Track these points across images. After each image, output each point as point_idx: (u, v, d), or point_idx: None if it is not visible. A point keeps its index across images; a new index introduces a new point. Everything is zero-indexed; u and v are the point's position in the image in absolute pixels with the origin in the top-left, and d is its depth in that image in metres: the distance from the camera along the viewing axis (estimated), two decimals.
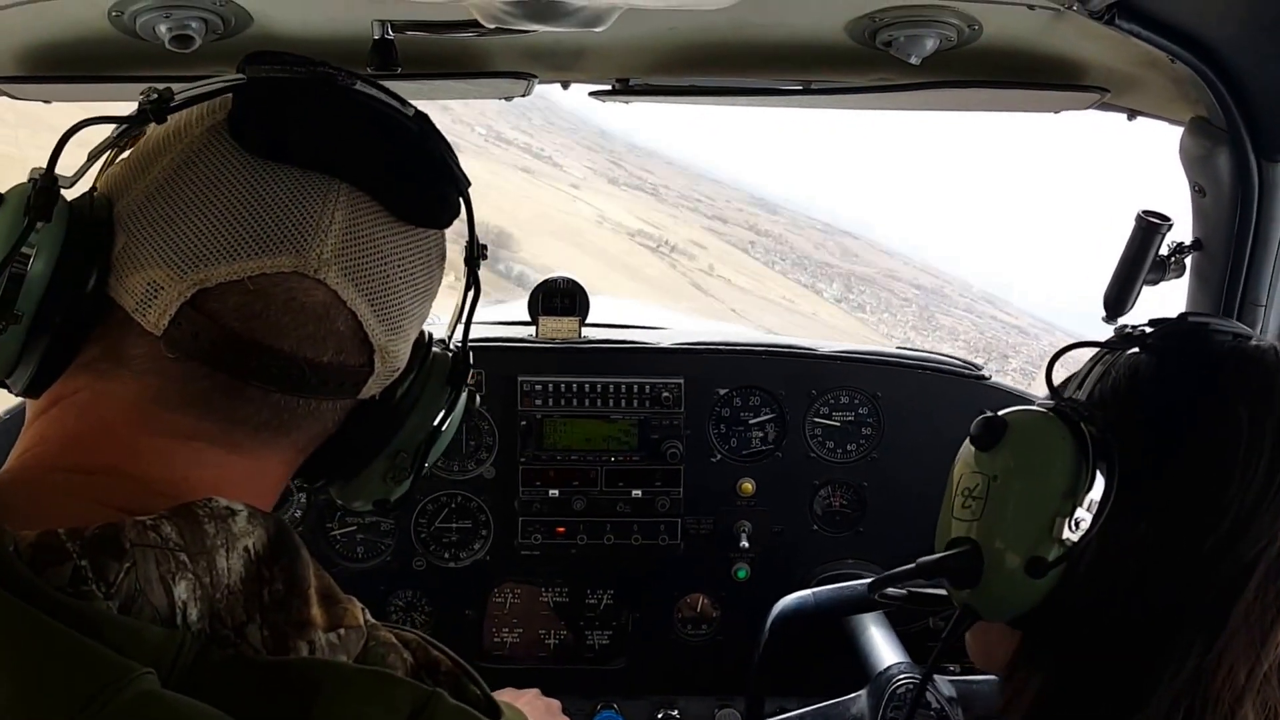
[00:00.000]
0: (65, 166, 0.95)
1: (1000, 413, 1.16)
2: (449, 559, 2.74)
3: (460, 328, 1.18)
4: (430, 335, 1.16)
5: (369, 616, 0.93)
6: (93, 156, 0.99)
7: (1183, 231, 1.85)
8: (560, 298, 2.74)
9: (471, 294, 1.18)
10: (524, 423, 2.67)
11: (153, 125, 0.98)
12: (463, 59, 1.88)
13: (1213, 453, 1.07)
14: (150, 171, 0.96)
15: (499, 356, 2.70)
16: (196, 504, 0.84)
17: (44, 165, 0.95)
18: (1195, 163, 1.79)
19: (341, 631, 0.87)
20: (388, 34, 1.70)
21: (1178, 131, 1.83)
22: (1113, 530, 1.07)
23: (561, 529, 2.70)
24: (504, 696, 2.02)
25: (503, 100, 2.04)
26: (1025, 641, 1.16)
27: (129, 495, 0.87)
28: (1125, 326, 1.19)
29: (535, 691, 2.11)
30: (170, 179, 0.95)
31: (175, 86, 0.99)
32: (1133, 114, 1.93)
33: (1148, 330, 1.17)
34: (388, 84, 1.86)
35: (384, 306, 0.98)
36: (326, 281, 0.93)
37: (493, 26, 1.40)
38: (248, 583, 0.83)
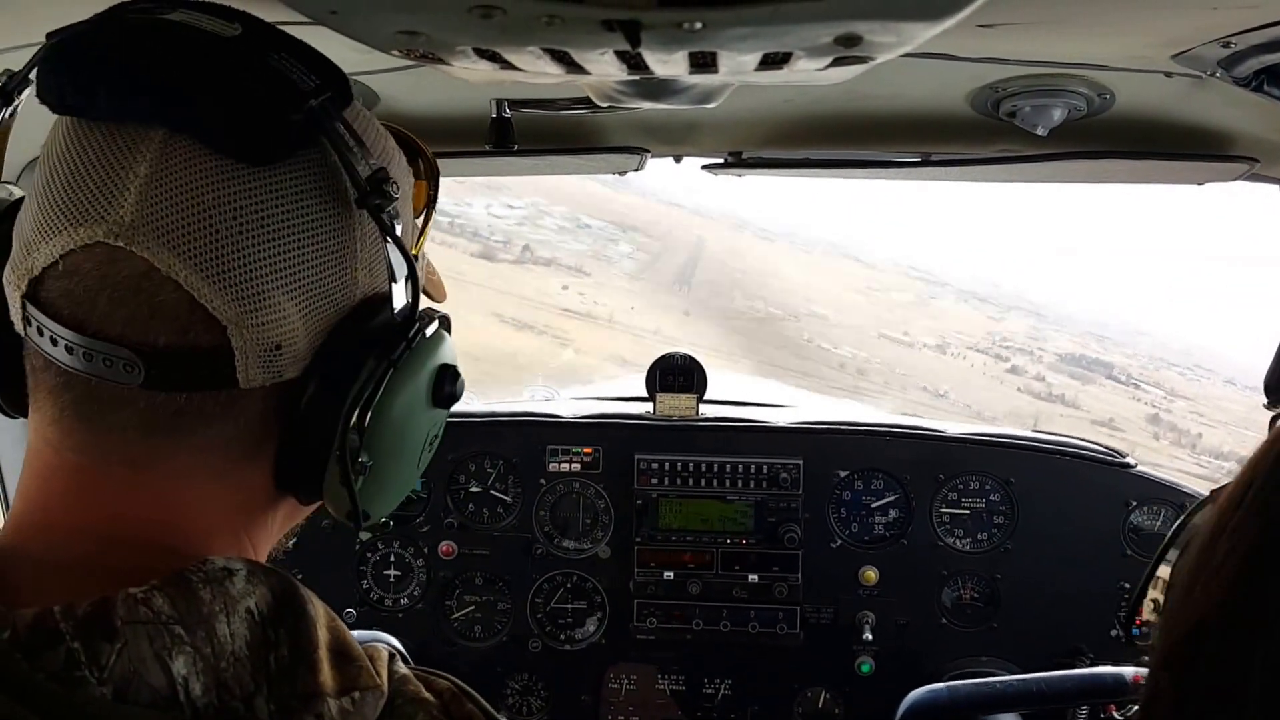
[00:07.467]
0: None
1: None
2: (564, 640, 2.71)
3: (409, 284, 0.91)
4: (372, 296, 0.89)
5: (398, 667, 0.86)
6: None
7: None
8: (678, 375, 2.73)
9: (397, 235, 0.89)
10: (639, 501, 2.64)
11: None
12: (577, 134, 1.91)
13: None
14: None
15: (616, 433, 2.70)
16: (190, 570, 0.79)
17: None
18: None
19: (356, 695, 0.81)
20: (505, 112, 1.76)
21: None
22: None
23: (679, 613, 2.64)
24: None
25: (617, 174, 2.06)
26: None
27: (91, 553, 0.82)
28: None
29: None
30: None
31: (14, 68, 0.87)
32: None
33: None
34: (505, 160, 1.92)
35: (219, 269, 0.79)
36: (134, 248, 0.78)
37: (606, 105, 1.41)
38: (254, 648, 0.78)
